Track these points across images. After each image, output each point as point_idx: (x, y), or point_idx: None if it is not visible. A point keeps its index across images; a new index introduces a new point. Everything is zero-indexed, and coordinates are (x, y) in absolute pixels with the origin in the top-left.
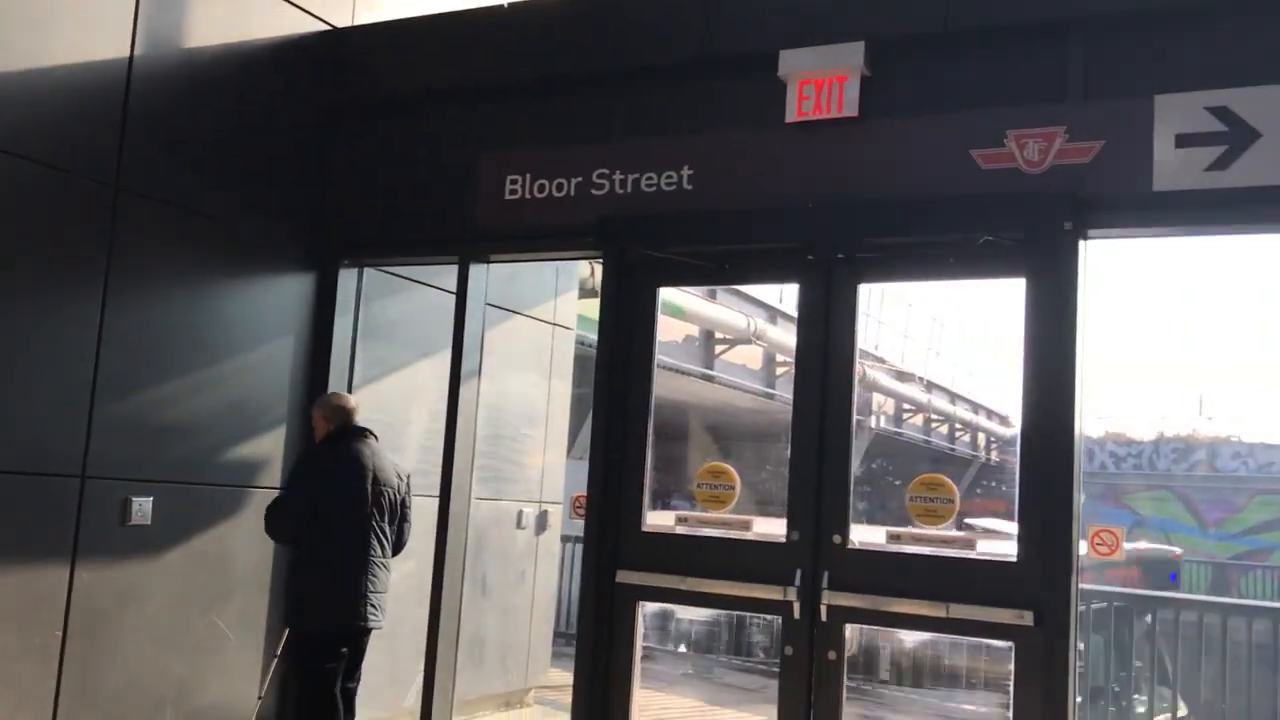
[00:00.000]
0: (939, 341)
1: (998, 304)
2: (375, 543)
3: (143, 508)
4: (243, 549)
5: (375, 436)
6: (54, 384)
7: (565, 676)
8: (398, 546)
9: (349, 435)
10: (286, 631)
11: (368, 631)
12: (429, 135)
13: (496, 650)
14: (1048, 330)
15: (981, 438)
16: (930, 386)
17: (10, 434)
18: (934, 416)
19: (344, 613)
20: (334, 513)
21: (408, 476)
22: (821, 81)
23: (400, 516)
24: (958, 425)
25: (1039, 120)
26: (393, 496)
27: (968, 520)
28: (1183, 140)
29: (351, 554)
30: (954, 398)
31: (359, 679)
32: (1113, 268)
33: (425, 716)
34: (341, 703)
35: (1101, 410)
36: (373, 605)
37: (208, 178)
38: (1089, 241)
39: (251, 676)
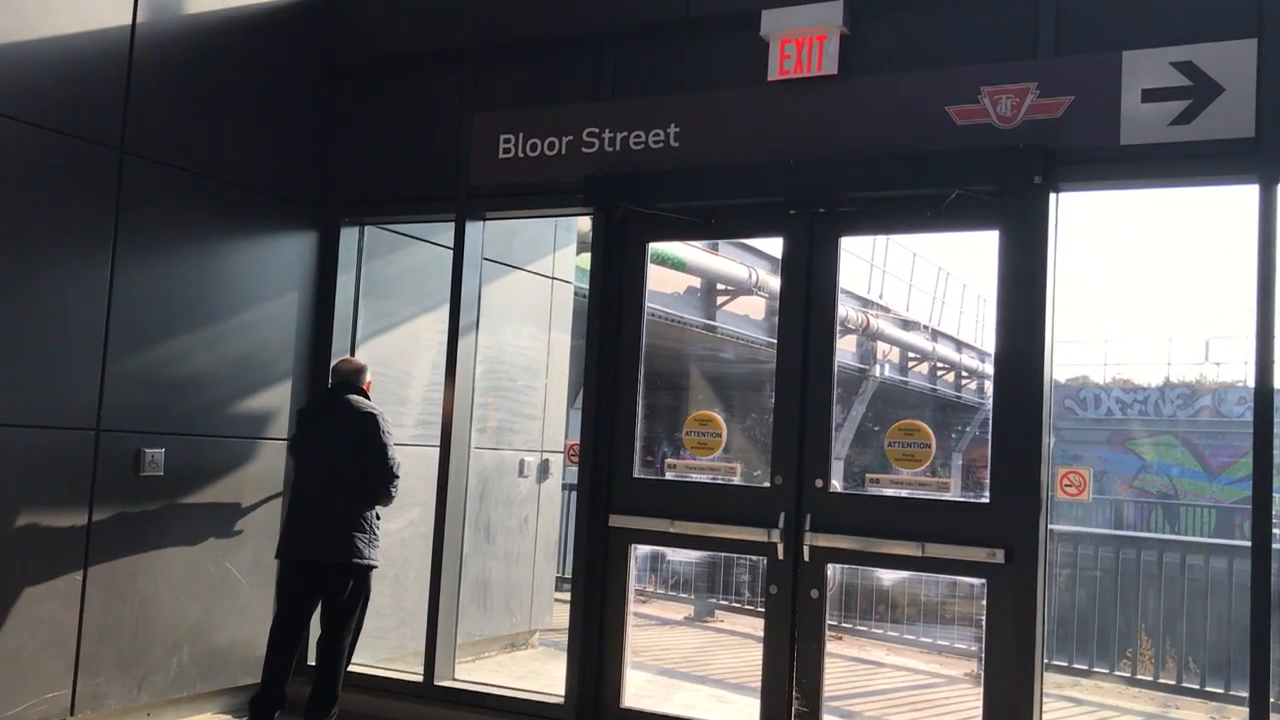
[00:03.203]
0: (943, 290)
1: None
2: (336, 485)
3: (155, 459)
4: (253, 498)
5: (360, 392)
6: (67, 342)
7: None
8: (374, 492)
9: (328, 390)
10: None
11: (336, 567)
12: (426, 96)
13: (501, 594)
14: (1019, 282)
15: (988, 385)
16: (936, 335)
17: (28, 390)
18: (940, 365)
19: (295, 548)
20: (299, 458)
21: (371, 427)
22: (802, 40)
23: (369, 464)
24: (964, 373)
25: (1011, 76)
26: (341, 443)
27: None
28: (1149, 95)
29: (308, 496)
30: (960, 345)
31: (339, 618)
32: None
33: (429, 655)
34: (321, 648)
35: (1108, 358)
36: (332, 542)
37: (211, 140)
38: (1059, 194)
39: (263, 619)
